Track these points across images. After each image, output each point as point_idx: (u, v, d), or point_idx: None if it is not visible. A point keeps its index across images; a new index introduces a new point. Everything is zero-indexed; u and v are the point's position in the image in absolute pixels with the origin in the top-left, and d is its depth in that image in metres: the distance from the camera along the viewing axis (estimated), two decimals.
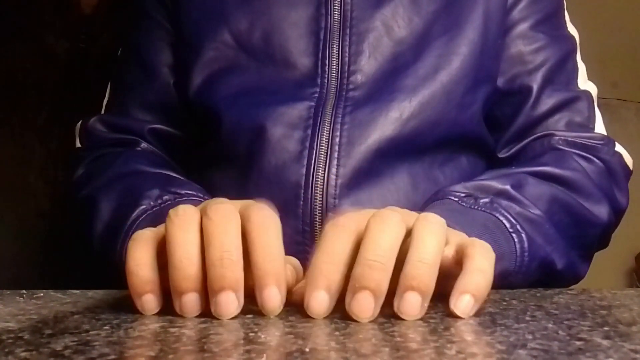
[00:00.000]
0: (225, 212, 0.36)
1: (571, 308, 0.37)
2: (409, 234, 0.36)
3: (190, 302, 0.35)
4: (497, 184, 0.55)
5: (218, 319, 0.34)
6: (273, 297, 0.34)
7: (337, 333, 0.31)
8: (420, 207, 0.56)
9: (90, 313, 0.36)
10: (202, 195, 0.58)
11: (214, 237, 0.35)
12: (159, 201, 0.57)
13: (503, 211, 0.52)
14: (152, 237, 0.37)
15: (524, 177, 0.58)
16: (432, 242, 0.35)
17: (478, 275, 0.35)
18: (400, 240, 0.35)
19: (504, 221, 0.51)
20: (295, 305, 0.36)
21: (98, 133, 0.71)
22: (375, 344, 0.28)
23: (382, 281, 0.33)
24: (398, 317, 0.34)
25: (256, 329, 0.31)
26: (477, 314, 0.35)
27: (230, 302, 0.34)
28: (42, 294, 0.42)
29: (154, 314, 0.35)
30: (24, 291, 0.43)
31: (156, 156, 0.69)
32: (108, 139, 0.70)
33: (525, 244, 0.51)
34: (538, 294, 0.42)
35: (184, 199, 0.57)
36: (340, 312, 0.35)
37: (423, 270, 0.34)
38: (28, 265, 1.10)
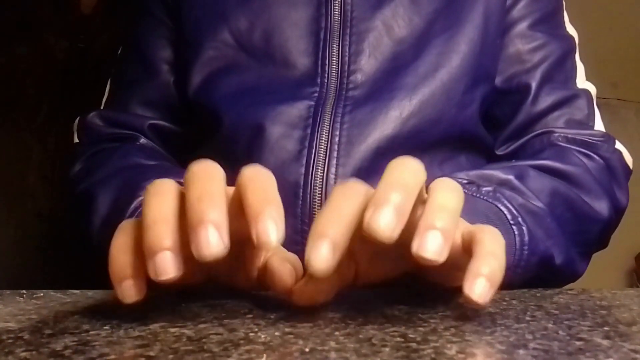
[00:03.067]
0: (208, 163, 0.34)
1: (571, 308, 0.37)
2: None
3: (163, 260, 0.31)
4: (500, 174, 0.54)
5: (218, 319, 0.34)
6: (270, 227, 0.31)
7: (337, 333, 0.31)
8: None
9: (90, 313, 0.36)
10: None
11: (193, 181, 0.32)
12: None
13: (505, 202, 0.51)
14: (137, 225, 0.34)
15: (526, 168, 0.57)
16: (452, 196, 0.33)
17: (490, 258, 0.32)
18: (420, 185, 0.33)
19: (506, 212, 0.50)
20: (294, 305, 0.36)
21: (96, 128, 0.70)
22: (375, 344, 0.28)
23: (406, 200, 0.31)
24: (398, 317, 0.34)
25: (256, 329, 0.31)
26: (477, 314, 0.35)
27: (211, 238, 0.30)
28: (42, 294, 0.42)
29: (154, 314, 0.35)
30: (24, 291, 0.43)
31: (155, 151, 0.69)
32: (106, 134, 0.70)
33: (526, 237, 0.49)
34: (538, 294, 0.42)
35: None
36: (340, 312, 0.35)
37: (445, 215, 0.31)
38: (27, 265, 1.10)
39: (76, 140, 0.71)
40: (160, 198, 0.33)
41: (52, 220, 1.10)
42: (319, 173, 0.59)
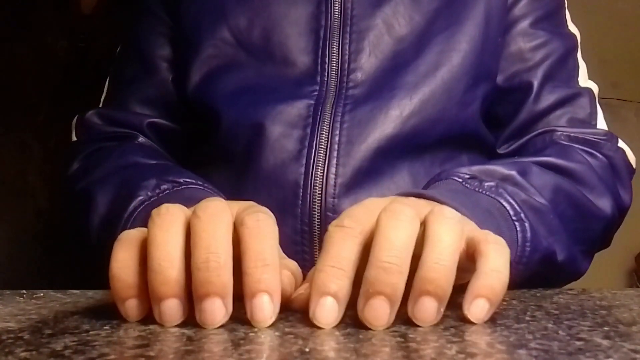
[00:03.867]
0: (216, 210, 0.34)
1: (571, 308, 0.37)
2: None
3: (169, 309, 0.32)
4: (503, 169, 0.54)
5: None
6: (264, 307, 0.31)
7: (337, 333, 0.31)
8: (422, 187, 0.54)
9: (90, 313, 0.36)
10: (202, 183, 0.56)
11: (200, 237, 0.32)
12: (157, 191, 0.55)
13: (508, 197, 0.50)
14: (138, 238, 0.34)
15: (529, 165, 0.56)
16: (448, 240, 0.33)
17: (493, 277, 0.33)
18: (415, 237, 0.33)
19: (508, 208, 0.49)
20: (292, 308, 0.36)
21: (95, 126, 0.70)
22: (375, 344, 0.28)
23: (398, 285, 0.31)
24: (398, 317, 0.34)
25: (256, 329, 0.31)
26: None
27: (216, 310, 0.31)
28: (42, 294, 0.42)
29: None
30: (24, 291, 0.43)
31: (153, 150, 0.69)
32: (105, 133, 0.69)
33: (528, 234, 0.49)
34: (538, 294, 0.42)
35: (183, 187, 0.55)
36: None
37: (440, 274, 0.32)
38: (27, 264, 1.10)
39: (74, 138, 0.71)
40: (167, 235, 0.33)
41: (52, 219, 1.10)
42: (318, 173, 0.59)
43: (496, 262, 0.33)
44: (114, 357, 0.27)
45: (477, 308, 0.32)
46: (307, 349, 0.27)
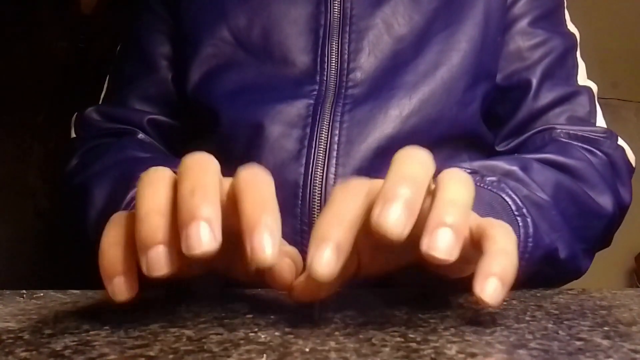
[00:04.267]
0: (203, 155, 0.33)
1: (571, 308, 0.37)
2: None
3: (156, 255, 0.30)
4: (504, 165, 0.53)
5: (218, 319, 0.33)
6: (264, 242, 0.29)
7: (337, 333, 0.31)
8: None
9: (90, 313, 0.36)
10: None
11: (186, 174, 0.31)
12: None
13: (510, 192, 0.49)
14: (129, 217, 0.33)
15: (530, 161, 0.56)
16: (462, 189, 0.32)
17: (503, 257, 0.31)
18: (429, 179, 0.32)
19: (510, 203, 0.48)
20: (294, 305, 0.36)
21: (94, 123, 0.70)
22: (375, 344, 0.28)
23: (415, 196, 0.30)
24: (398, 317, 0.34)
25: (256, 329, 0.31)
26: (477, 314, 0.35)
27: (203, 234, 0.29)
28: (42, 294, 0.42)
29: (154, 313, 0.35)
30: (24, 291, 0.43)
31: (152, 146, 0.69)
32: (104, 129, 0.69)
33: (530, 230, 0.48)
34: (538, 294, 0.42)
35: None
36: (340, 312, 0.35)
37: (455, 210, 0.30)
38: (27, 264, 1.10)
39: (73, 135, 0.71)
40: (154, 188, 0.32)
41: (53, 219, 1.10)
42: (318, 173, 0.59)
43: (504, 244, 0.32)
44: (114, 357, 0.27)
45: (490, 287, 0.30)
46: (307, 349, 0.27)
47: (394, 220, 0.29)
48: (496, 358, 0.26)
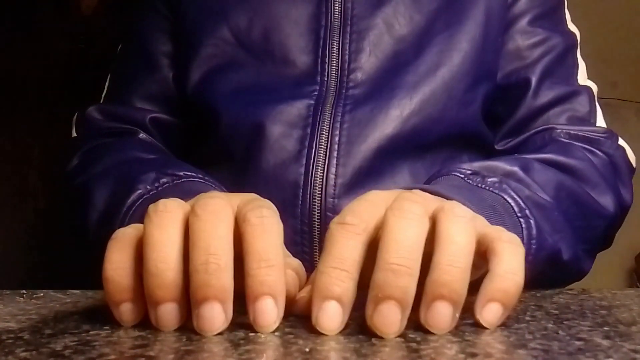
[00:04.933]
0: (216, 207, 0.32)
1: (571, 308, 0.37)
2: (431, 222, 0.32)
3: (167, 313, 0.30)
4: (505, 165, 0.53)
5: None
6: (268, 311, 0.30)
7: (337, 333, 0.30)
8: (424, 183, 0.53)
9: (90, 313, 0.36)
10: (202, 176, 0.55)
11: (199, 237, 0.30)
12: (156, 184, 0.53)
13: (512, 193, 0.49)
14: (133, 237, 0.33)
15: (530, 161, 0.55)
16: (462, 241, 0.31)
17: (507, 279, 0.31)
18: (425, 236, 0.31)
19: (513, 204, 0.48)
20: (295, 312, 0.36)
21: (95, 122, 0.70)
22: (375, 344, 0.28)
23: (409, 288, 0.29)
24: None
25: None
26: None
27: (215, 316, 0.29)
28: (42, 294, 0.42)
29: None
30: (24, 291, 0.43)
31: (153, 146, 0.68)
32: (105, 128, 0.69)
33: (534, 231, 0.47)
34: (538, 294, 0.42)
35: (183, 180, 0.54)
36: None
37: (454, 276, 0.30)
38: (27, 264, 1.10)
39: (74, 134, 0.71)
40: (164, 234, 0.31)
41: (53, 219, 1.10)
42: (318, 173, 0.59)
43: (511, 264, 0.31)
44: (114, 357, 0.27)
45: (490, 313, 0.30)
46: (307, 349, 0.27)
47: (389, 322, 0.29)
48: (496, 358, 0.26)
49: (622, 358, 0.26)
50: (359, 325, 0.32)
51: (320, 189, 0.59)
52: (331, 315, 0.30)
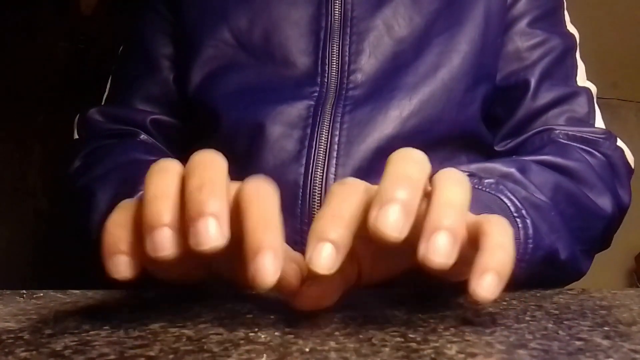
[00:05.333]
0: (211, 153, 0.33)
1: (571, 308, 0.37)
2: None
3: (162, 237, 0.30)
4: (501, 167, 0.53)
5: (218, 319, 0.33)
6: (266, 266, 0.29)
7: (337, 333, 0.31)
8: None
9: (90, 313, 0.36)
10: None
11: (195, 170, 0.31)
12: None
13: (509, 194, 0.49)
14: (135, 204, 0.33)
15: (528, 163, 0.56)
16: (458, 190, 0.31)
17: (499, 251, 0.31)
18: (426, 178, 0.32)
19: (509, 204, 0.48)
20: (296, 306, 0.36)
21: (97, 124, 0.70)
22: (375, 344, 0.28)
23: (413, 195, 0.30)
24: (398, 318, 0.34)
25: (256, 329, 0.31)
26: (477, 314, 0.35)
27: (210, 229, 0.29)
28: (42, 294, 0.42)
29: (154, 313, 0.35)
30: (24, 291, 0.43)
31: (155, 147, 0.69)
32: (107, 130, 0.69)
33: (530, 231, 0.47)
34: (538, 294, 0.42)
35: None
36: (340, 311, 0.35)
37: (452, 212, 0.30)
38: (27, 264, 1.10)
39: (76, 136, 0.71)
40: (163, 175, 0.32)
41: (53, 219, 1.10)
42: (318, 173, 0.59)
43: (501, 238, 0.31)
44: (114, 357, 0.27)
45: (486, 282, 0.29)
46: (307, 349, 0.27)
47: (392, 223, 0.29)
48: (496, 358, 0.26)
49: (622, 358, 0.26)
50: (359, 325, 0.32)
51: (320, 189, 0.59)
52: (325, 256, 0.29)
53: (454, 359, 0.26)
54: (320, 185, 0.59)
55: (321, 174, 0.59)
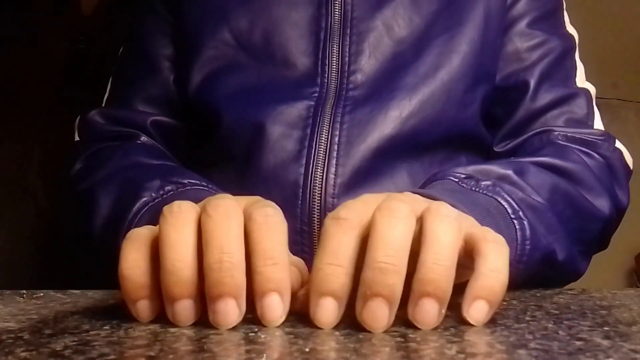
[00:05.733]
0: (227, 208, 0.33)
1: (571, 308, 0.37)
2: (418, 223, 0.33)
3: (183, 309, 0.32)
4: (498, 169, 0.53)
5: None
6: (274, 306, 0.32)
7: (337, 333, 0.31)
8: (420, 187, 0.54)
9: (90, 313, 0.36)
10: (206, 184, 0.56)
11: (213, 237, 0.32)
12: (161, 192, 0.54)
13: (505, 195, 0.49)
14: (147, 237, 0.34)
15: (526, 164, 0.56)
16: (447, 239, 0.32)
17: (492, 277, 0.32)
18: (412, 235, 0.32)
19: (506, 206, 0.49)
20: (297, 309, 0.36)
21: (97, 126, 0.70)
22: (375, 344, 0.28)
23: (396, 286, 0.31)
24: (398, 318, 0.34)
25: (256, 329, 0.31)
26: None
27: (230, 311, 0.31)
28: (42, 294, 0.42)
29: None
30: (24, 291, 0.43)
31: (156, 149, 0.69)
32: (107, 132, 0.69)
33: (527, 232, 0.48)
34: (538, 294, 0.42)
35: (187, 188, 0.55)
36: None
37: (439, 274, 0.31)
38: (27, 264, 1.10)
39: (77, 138, 0.71)
40: (180, 234, 0.33)
41: (53, 219, 1.10)
42: (318, 173, 0.59)
43: (495, 262, 0.32)
44: (114, 357, 0.27)
45: (476, 310, 0.32)
46: (307, 349, 0.27)
47: (378, 319, 0.31)
48: (496, 358, 0.26)
49: (622, 358, 0.26)
50: (359, 325, 0.32)
51: (319, 189, 0.59)
52: (327, 310, 0.31)
53: (454, 359, 0.26)
54: (320, 185, 0.59)
55: (321, 174, 0.59)
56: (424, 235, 0.32)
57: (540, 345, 0.28)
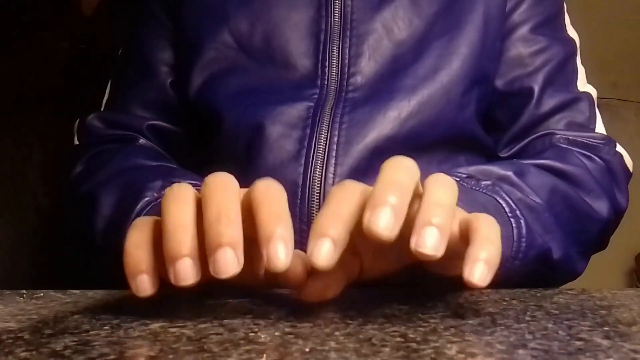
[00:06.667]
0: (224, 178, 0.36)
1: (571, 308, 0.37)
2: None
3: (184, 267, 0.33)
4: (499, 170, 0.55)
5: (218, 319, 0.34)
6: (279, 250, 0.32)
7: (337, 333, 0.31)
8: None
9: (90, 313, 0.36)
10: None
11: (211, 197, 0.34)
12: (162, 192, 0.54)
13: (504, 195, 0.51)
14: (152, 222, 0.36)
15: (526, 166, 0.57)
16: (446, 192, 0.34)
17: (487, 243, 0.33)
18: (415, 183, 0.34)
19: (504, 205, 0.50)
20: (296, 305, 0.36)
21: (96, 130, 0.70)
22: (375, 344, 0.28)
23: (403, 199, 0.32)
24: (398, 317, 0.34)
25: (256, 329, 0.31)
26: (477, 314, 0.35)
27: (229, 259, 0.32)
28: (42, 294, 0.42)
29: (154, 314, 0.35)
30: (24, 291, 0.43)
31: (155, 151, 0.69)
32: (106, 135, 0.70)
33: (523, 230, 0.49)
34: (538, 294, 0.42)
35: None
36: (340, 312, 0.35)
37: (440, 211, 0.33)
38: (27, 263, 1.10)
39: (76, 142, 0.71)
40: (179, 204, 0.35)
41: (53, 219, 1.10)
42: (317, 172, 0.59)
43: (488, 232, 0.34)
44: (114, 357, 0.27)
45: (478, 271, 0.32)
46: (307, 349, 0.28)
47: (384, 224, 0.32)
48: (496, 358, 0.26)
49: (622, 358, 0.26)
50: (359, 325, 0.32)
51: (319, 188, 0.59)
52: (324, 251, 0.32)
53: (454, 359, 0.26)
54: (319, 185, 0.59)
55: (320, 174, 0.59)
56: (424, 190, 0.34)
57: (540, 345, 0.28)
